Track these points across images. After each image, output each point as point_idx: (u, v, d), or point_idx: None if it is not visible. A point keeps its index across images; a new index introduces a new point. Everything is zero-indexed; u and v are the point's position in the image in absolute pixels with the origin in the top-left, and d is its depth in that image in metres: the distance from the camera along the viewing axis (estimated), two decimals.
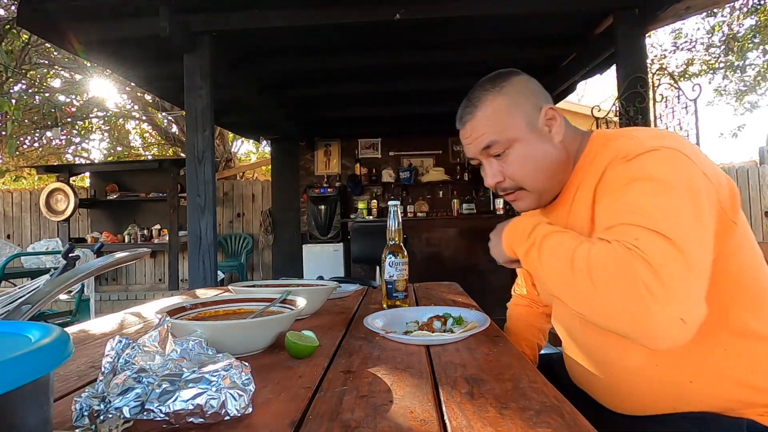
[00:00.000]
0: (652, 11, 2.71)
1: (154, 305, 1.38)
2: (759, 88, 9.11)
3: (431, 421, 0.52)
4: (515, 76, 0.89)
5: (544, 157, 0.86)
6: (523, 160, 0.86)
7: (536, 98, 0.87)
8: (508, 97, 0.86)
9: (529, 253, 0.78)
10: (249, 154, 11.91)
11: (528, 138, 0.85)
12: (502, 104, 0.86)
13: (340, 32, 3.16)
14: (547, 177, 0.87)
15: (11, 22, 5.55)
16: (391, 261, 1.16)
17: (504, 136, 0.85)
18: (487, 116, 0.86)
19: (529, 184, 0.87)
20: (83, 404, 0.50)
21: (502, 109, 0.86)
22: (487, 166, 0.90)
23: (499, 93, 0.86)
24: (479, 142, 0.88)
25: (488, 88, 0.87)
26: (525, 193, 0.89)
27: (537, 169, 0.86)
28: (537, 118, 0.86)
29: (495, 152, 0.87)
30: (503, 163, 0.87)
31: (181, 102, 3.83)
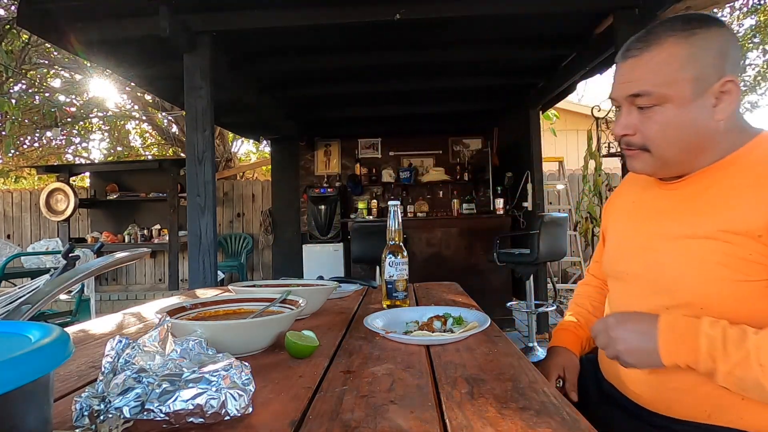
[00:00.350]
0: (652, 11, 2.71)
1: (154, 305, 1.38)
2: (759, 88, 9.11)
3: (431, 421, 0.52)
4: (715, 26, 0.74)
5: (691, 130, 0.75)
6: (667, 124, 0.75)
7: (722, 62, 0.74)
8: (692, 48, 0.73)
9: (738, 372, 0.65)
10: (249, 154, 11.91)
11: (686, 103, 0.74)
12: (679, 54, 0.73)
13: (340, 32, 3.16)
14: (681, 151, 0.77)
15: (11, 22, 5.55)
16: (391, 261, 1.16)
17: (660, 90, 0.74)
18: (655, 61, 0.75)
19: (659, 150, 0.78)
20: (83, 404, 0.50)
21: (675, 60, 0.73)
22: (624, 113, 0.80)
23: (684, 40, 0.74)
24: (631, 86, 0.77)
25: (676, 29, 0.75)
26: (647, 157, 0.79)
27: (677, 138, 0.76)
28: (710, 85, 0.73)
29: (641, 104, 0.77)
30: (644, 117, 0.77)
31: (181, 102, 3.84)
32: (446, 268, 4.44)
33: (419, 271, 4.41)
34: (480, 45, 3.54)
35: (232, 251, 6.94)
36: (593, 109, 4.97)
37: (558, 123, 7.06)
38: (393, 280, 1.17)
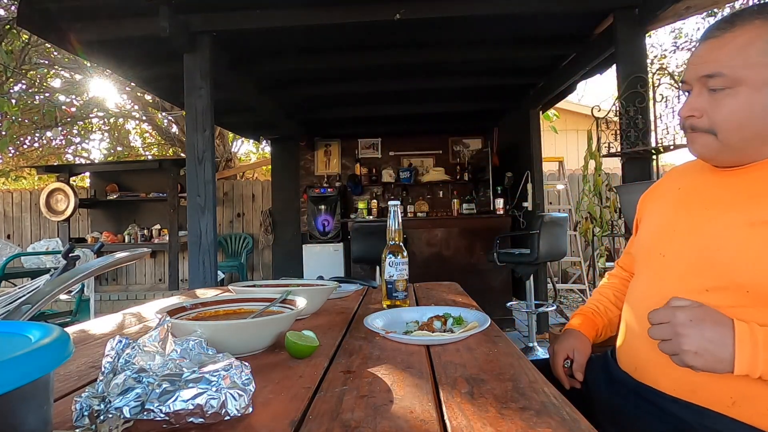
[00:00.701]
0: (652, 11, 2.71)
1: (154, 305, 1.38)
2: None
3: (431, 421, 0.52)
4: None
5: (760, 116, 0.73)
6: (739, 108, 0.74)
7: None
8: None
9: None
10: (249, 154, 11.91)
11: (760, 88, 0.72)
12: (760, 37, 0.72)
13: (340, 32, 3.16)
14: (747, 138, 0.75)
15: (11, 22, 5.55)
16: (391, 261, 1.16)
17: (736, 73, 0.73)
18: (737, 42, 0.73)
19: (725, 135, 0.76)
20: (83, 404, 0.50)
21: (755, 43, 0.72)
22: (694, 96, 0.78)
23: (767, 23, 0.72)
24: (705, 67, 0.76)
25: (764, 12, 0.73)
26: (711, 140, 0.77)
27: (745, 125, 0.74)
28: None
29: (714, 85, 0.75)
30: (714, 100, 0.76)
31: (181, 102, 3.84)
32: (446, 268, 4.44)
33: (419, 271, 4.41)
34: (480, 45, 3.54)
35: (232, 251, 6.95)
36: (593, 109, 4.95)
37: (558, 123, 7.05)
38: (393, 280, 1.17)
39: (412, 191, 6.38)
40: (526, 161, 4.78)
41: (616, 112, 2.99)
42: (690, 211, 0.84)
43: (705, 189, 0.85)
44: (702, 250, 0.78)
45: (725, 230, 0.76)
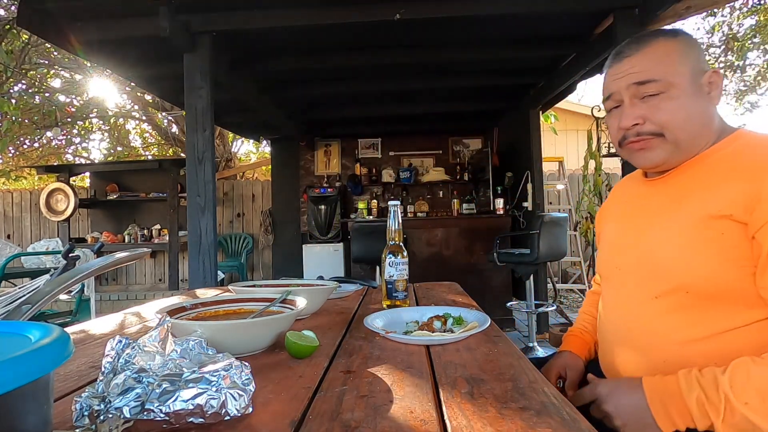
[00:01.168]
0: (652, 11, 2.71)
1: (154, 305, 1.38)
2: (759, 88, 9.11)
3: (431, 421, 0.52)
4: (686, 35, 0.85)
5: (697, 113, 0.81)
6: (677, 107, 0.81)
7: (703, 59, 0.84)
8: (682, 44, 0.83)
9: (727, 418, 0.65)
10: (249, 154, 11.91)
11: (688, 89, 0.81)
12: (674, 48, 0.82)
13: (340, 32, 3.16)
14: (692, 132, 0.82)
15: (11, 22, 5.55)
16: (391, 261, 1.16)
17: (666, 77, 0.81)
18: (656, 54, 0.83)
19: (674, 132, 0.82)
20: (83, 404, 0.50)
21: (672, 52, 0.82)
22: (629, 106, 0.85)
23: (673, 38, 0.84)
24: (636, 75, 0.83)
25: (662, 32, 0.85)
26: (661, 142, 0.83)
27: (687, 120, 0.81)
28: (701, 76, 0.82)
29: (648, 91, 0.82)
30: (651, 106, 0.82)
31: (181, 102, 3.83)
32: (446, 268, 4.44)
33: (419, 271, 4.41)
34: (480, 45, 3.54)
35: (232, 251, 6.94)
36: (593, 109, 4.97)
37: (558, 123, 7.05)
38: (393, 280, 1.17)
39: (412, 191, 6.38)
40: (526, 161, 4.78)
41: None
42: (632, 223, 0.91)
43: (640, 200, 0.92)
44: (646, 259, 0.84)
45: (660, 237, 0.83)
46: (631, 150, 0.87)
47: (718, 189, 0.76)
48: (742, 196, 0.72)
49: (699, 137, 0.82)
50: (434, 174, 6.29)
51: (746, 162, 0.76)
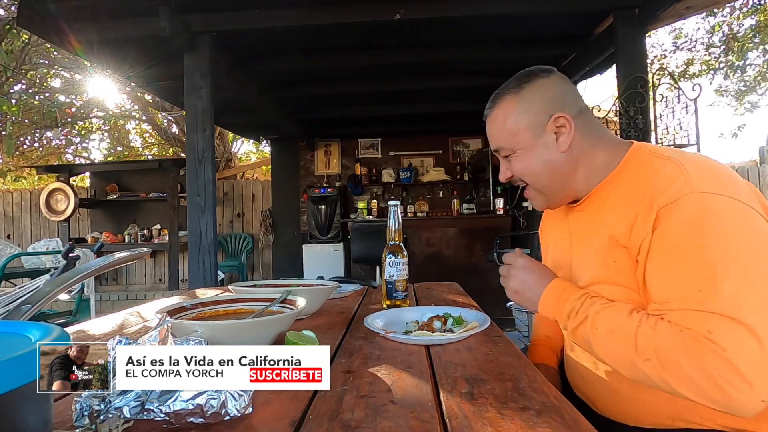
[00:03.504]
0: (652, 11, 2.71)
1: (154, 305, 1.38)
2: (759, 88, 9.11)
3: (431, 421, 0.52)
4: (540, 78, 0.89)
5: (544, 166, 0.87)
6: (525, 166, 0.89)
7: (550, 105, 0.87)
8: (521, 102, 0.88)
9: (579, 331, 0.78)
10: (249, 154, 11.91)
11: (531, 146, 0.87)
12: (512, 110, 0.88)
13: (340, 32, 3.16)
14: (550, 182, 0.89)
15: (11, 22, 5.55)
16: (391, 261, 1.16)
17: (508, 143, 0.89)
18: (499, 121, 0.90)
19: (534, 185, 0.91)
20: (83, 404, 0.50)
21: (510, 116, 0.88)
22: (502, 163, 0.94)
23: (514, 96, 0.89)
24: (491, 143, 0.94)
25: (510, 89, 0.90)
26: (533, 191, 0.92)
27: (539, 174, 0.88)
28: (545, 126, 0.86)
29: (503, 155, 0.92)
30: (510, 164, 0.91)
31: (181, 102, 3.84)
32: (446, 268, 4.43)
33: (419, 271, 4.40)
34: (480, 45, 3.54)
35: (232, 251, 6.94)
36: (593, 109, 4.96)
37: None
38: (393, 280, 1.17)
39: (412, 191, 6.38)
40: None
41: (616, 112, 2.99)
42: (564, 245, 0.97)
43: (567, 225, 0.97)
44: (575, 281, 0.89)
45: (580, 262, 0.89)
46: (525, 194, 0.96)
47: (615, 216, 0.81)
48: (623, 224, 0.78)
49: (562, 182, 0.88)
50: (434, 174, 6.29)
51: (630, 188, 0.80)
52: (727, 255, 0.67)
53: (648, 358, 0.67)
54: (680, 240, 0.70)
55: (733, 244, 0.67)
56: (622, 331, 0.72)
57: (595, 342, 0.75)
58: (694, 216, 0.70)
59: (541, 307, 0.86)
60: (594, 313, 0.77)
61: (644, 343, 0.68)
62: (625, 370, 0.72)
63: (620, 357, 0.72)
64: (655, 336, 0.68)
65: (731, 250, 0.67)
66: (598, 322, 0.76)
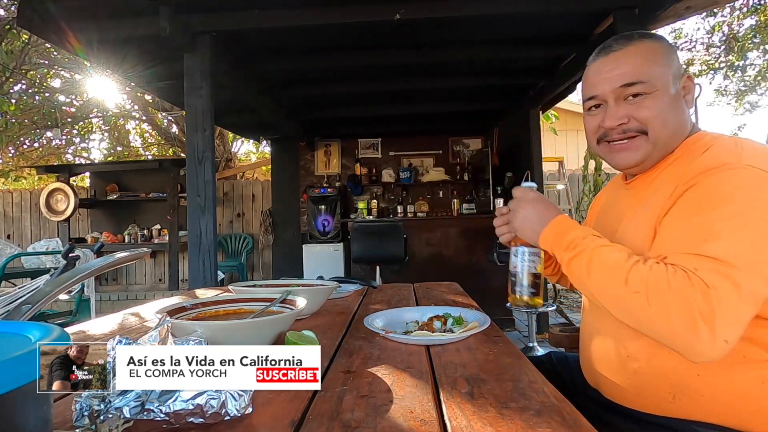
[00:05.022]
0: (652, 11, 2.71)
1: (154, 305, 1.38)
2: (759, 88, 9.11)
3: (431, 421, 0.52)
4: (666, 39, 0.88)
5: (675, 115, 0.85)
6: (660, 107, 0.83)
7: (680, 63, 0.87)
8: (665, 47, 0.86)
9: (574, 262, 0.80)
10: (249, 154, 11.91)
11: (670, 92, 0.84)
12: (659, 50, 0.85)
13: (340, 32, 3.16)
14: (670, 133, 0.85)
15: (11, 22, 5.55)
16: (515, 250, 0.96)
17: (652, 79, 0.83)
18: (643, 54, 0.84)
19: (655, 131, 0.84)
20: (83, 404, 0.50)
21: (658, 55, 0.84)
22: (614, 106, 0.86)
23: (656, 41, 0.86)
24: (625, 75, 0.84)
25: (645, 34, 0.87)
26: (643, 141, 0.85)
27: (668, 122, 0.84)
28: (679, 80, 0.85)
29: (635, 91, 0.84)
30: (635, 105, 0.84)
31: (181, 102, 3.83)
32: (446, 268, 4.43)
33: (419, 271, 4.41)
34: (480, 45, 3.53)
35: (232, 251, 6.94)
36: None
37: (558, 123, 7.05)
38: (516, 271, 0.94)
39: (412, 191, 6.38)
40: (526, 161, 4.78)
41: None
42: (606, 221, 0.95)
43: (616, 200, 0.96)
44: None
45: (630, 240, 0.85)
46: (611, 149, 0.90)
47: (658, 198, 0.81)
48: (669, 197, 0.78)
49: (674, 138, 0.86)
50: (434, 174, 6.29)
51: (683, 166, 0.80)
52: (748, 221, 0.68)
53: (638, 291, 0.69)
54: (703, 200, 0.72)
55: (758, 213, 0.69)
56: (616, 265, 0.73)
57: (588, 274, 0.77)
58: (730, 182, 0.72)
59: (542, 238, 0.86)
60: (593, 248, 0.78)
61: (636, 278, 0.70)
62: (610, 302, 0.74)
63: (609, 288, 0.74)
64: (649, 273, 0.70)
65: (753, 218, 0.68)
66: (595, 255, 0.77)
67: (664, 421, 0.81)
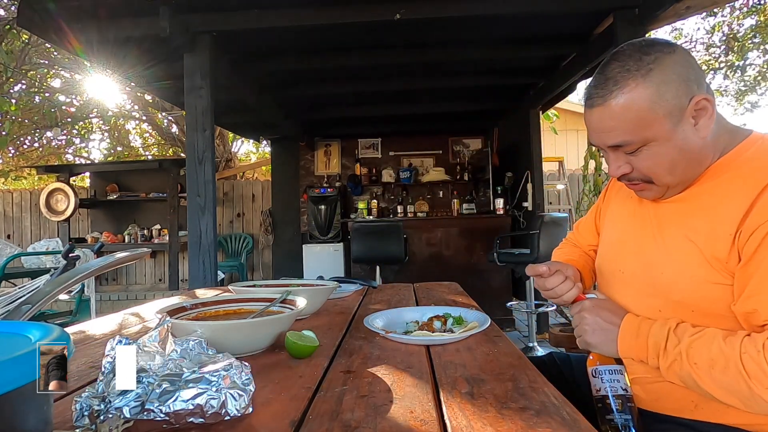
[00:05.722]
0: (652, 11, 2.71)
1: (154, 305, 1.38)
2: (759, 88, 9.11)
3: (431, 421, 0.52)
4: (667, 55, 0.73)
5: (681, 156, 0.75)
6: (658, 158, 0.76)
7: (687, 85, 0.73)
8: (653, 87, 0.72)
9: (674, 368, 0.72)
10: (249, 154, 11.90)
11: (668, 136, 0.74)
12: (644, 98, 0.72)
13: (340, 32, 3.16)
14: (680, 174, 0.77)
15: (11, 22, 5.55)
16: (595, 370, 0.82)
17: (640, 136, 0.74)
18: (624, 110, 0.73)
19: (661, 180, 0.78)
20: (83, 404, 0.50)
21: (643, 106, 0.72)
22: (613, 159, 0.80)
23: (642, 80, 0.72)
24: (608, 137, 0.77)
25: (632, 70, 0.73)
26: (652, 186, 0.80)
27: (671, 167, 0.76)
28: (684, 110, 0.73)
29: (626, 151, 0.77)
30: (635, 158, 0.78)
31: (181, 102, 3.83)
32: (446, 268, 4.43)
33: (419, 271, 4.41)
34: (480, 45, 3.54)
35: (232, 251, 6.94)
36: None
37: (558, 123, 7.05)
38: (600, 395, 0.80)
39: (412, 191, 6.38)
40: (526, 161, 4.78)
41: None
42: (640, 228, 0.88)
43: (653, 207, 0.87)
44: (646, 271, 0.83)
45: (665, 249, 0.81)
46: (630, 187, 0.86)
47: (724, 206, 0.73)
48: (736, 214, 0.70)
49: (692, 170, 0.78)
50: (434, 174, 6.29)
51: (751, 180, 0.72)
52: None
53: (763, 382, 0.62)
54: None
55: None
56: (724, 360, 0.66)
57: (700, 379, 0.69)
58: None
59: (621, 347, 0.78)
60: (686, 348, 0.70)
61: (755, 368, 0.63)
62: (743, 402, 0.66)
63: (734, 390, 0.66)
64: (766, 356, 0.63)
65: None
66: (694, 356, 0.69)
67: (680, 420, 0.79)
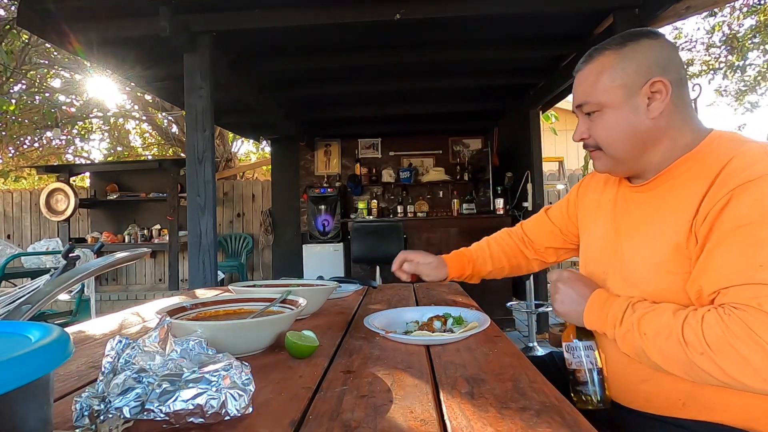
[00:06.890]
0: (652, 11, 2.71)
1: (154, 305, 1.38)
2: (759, 88, 9.11)
3: (431, 421, 0.52)
4: (647, 39, 0.84)
5: (629, 129, 0.83)
6: (608, 126, 0.85)
7: (650, 67, 0.82)
8: (621, 59, 0.83)
9: (628, 339, 0.77)
10: (249, 154, 11.91)
11: (620, 106, 0.83)
12: (606, 65, 0.84)
13: (340, 32, 3.16)
14: (627, 148, 0.85)
15: (11, 22, 5.55)
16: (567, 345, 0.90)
17: (596, 98, 0.85)
18: (592, 74, 0.86)
19: (609, 149, 0.87)
20: (83, 404, 0.50)
21: (606, 71, 0.84)
22: (580, 122, 0.91)
23: (615, 53, 0.84)
24: (577, 96, 0.90)
25: (611, 45, 0.86)
26: (602, 155, 0.89)
27: (619, 138, 0.85)
28: (639, 88, 0.82)
29: (586, 111, 0.88)
30: (591, 123, 0.88)
31: (181, 102, 3.83)
32: None
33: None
34: (480, 45, 3.53)
35: (232, 251, 6.94)
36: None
37: (558, 123, 7.05)
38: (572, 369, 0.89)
39: (412, 191, 6.38)
40: (526, 161, 4.78)
41: None
42: (617, 228, 0.93)
43: (625, 205, 0.93)
44: (626, 266, 0.87)
45: (634, 249, 0.86)
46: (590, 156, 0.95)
47: (682, 200, 0.78)
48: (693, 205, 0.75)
49: (640, 152, 0.85)
50: (434, 174, 6.29)
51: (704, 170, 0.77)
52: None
53: (702, 351, 0.66)
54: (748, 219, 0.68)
55: None
56: (668, 329, 0.71)
57: (647, 348, 0.74)
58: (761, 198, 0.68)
59: (586, 319, 0.85)
60: (638, 319, 0.75)
61: (693, 337, 0.67)
62: (683, 370, 0.70)
63: (674, 357, 0.70)
64: (703, 327, 0.67)
65: None
66: (644, 327, 0.74)
67: (668, 419, 0.81)
